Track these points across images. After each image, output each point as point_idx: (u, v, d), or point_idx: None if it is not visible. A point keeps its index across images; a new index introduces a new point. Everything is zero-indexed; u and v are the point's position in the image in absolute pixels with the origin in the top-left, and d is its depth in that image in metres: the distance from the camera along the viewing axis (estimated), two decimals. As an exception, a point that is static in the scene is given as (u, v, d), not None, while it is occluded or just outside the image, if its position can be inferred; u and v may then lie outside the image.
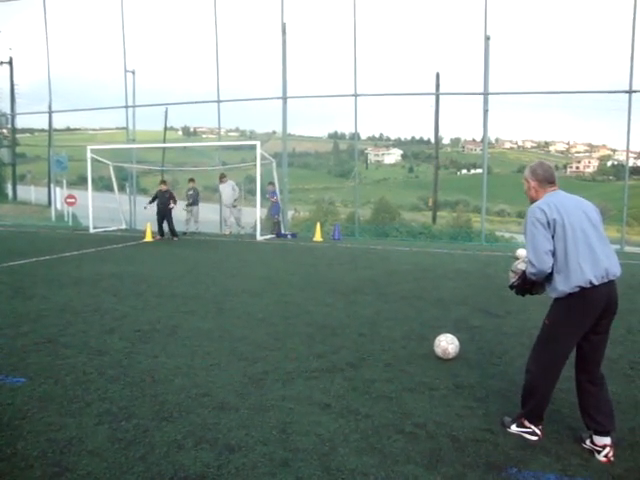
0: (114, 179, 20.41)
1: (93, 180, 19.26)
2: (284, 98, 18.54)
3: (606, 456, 3.51)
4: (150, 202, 17.28)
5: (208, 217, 20.93)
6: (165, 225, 16.78)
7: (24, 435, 3.74)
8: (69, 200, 22.44)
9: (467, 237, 18.05)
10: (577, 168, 50.15)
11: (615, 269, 3.56)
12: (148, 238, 16.50)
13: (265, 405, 4.28)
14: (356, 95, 17.78)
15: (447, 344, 5.42)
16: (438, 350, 5.44)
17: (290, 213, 21.42)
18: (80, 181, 28.69)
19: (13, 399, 4.36)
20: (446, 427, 3.94)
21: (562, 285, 3.56)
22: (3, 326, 6.54)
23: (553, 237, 3.55)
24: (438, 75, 21.28)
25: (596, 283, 3.47)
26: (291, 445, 3.64)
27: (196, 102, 20.62)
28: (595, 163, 48.63)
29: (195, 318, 7.04)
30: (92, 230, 18.87)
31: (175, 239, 16.68)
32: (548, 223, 3.54)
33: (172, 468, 3.33)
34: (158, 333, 6.32)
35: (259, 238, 16.82)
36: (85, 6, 23.16)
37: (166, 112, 26.76)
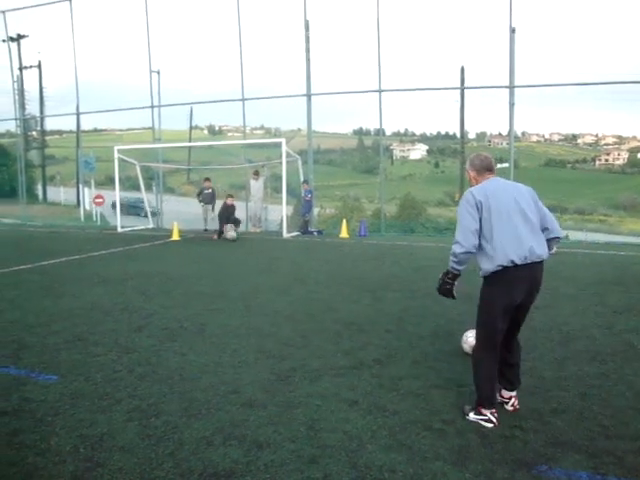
0: (141, 179, 20.63)
1: (120, 180, 19.49)
2: (308, 95, 18.54)
3: (512, 405, 4.14)
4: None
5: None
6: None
7: (57, 431, 3.81)
8: (97, 200, 22.75)
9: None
10: (606, 160, 49.33)
11: (539, 251, 3.81)
12: (175, 237, 16.64)
13: (293, 402, 4.30)
14: (380, 91, 17.70)
15: (475, 340, 5.37)
16: (466, 346, 5.39)
17: (316, 210, 21.41)
18: (108, 181, 29.07)
19: (46, 395, 4.44)
20: (474, 423, 3.91)
21: (487, 264, 3.84)
22: (35, 324, 6.66)
23: (481, 219, 3.82)
24: (463, 69, 21.06)
25: (518, 263, 3.73)
26: (319, 442, 3.64)
27: (221, 101, 20.71)
28: (625, 155, 47.76)
29: (222, 316, 7.08)
30: (120, 229, 19.11)
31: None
32: (476, 205, 3.82)
33: (201, 464, 3.36)
34: (186, 331, 6.38)
35: (285, 235, 16.87)
36: (110, 9, 23.40)
37: (191, 111, 26.99)
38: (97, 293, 8.48)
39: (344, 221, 17.63)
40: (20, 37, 30.77)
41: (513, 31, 16.15)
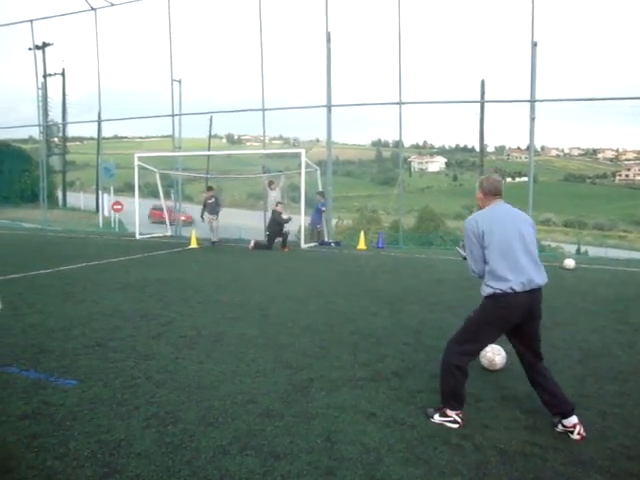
0: (160, 186, 20.78)
1: (139, 187, 19.65)
2: (329, 106, 18.59)
3: (579, 433, 3.91)
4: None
5: (252, 224, 21.10)
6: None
7: (75, 436, 3.83)
8: (116, 207, 22.96)
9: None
10: (627, 176, 48.96)
11: (538, 280, 3.99)
12: (193, 244, 16.73)
13: (310, 413, 4.29)
14: (401, 103, 17.70)
15: (494, 355, 5.34)
16: (484, 361, 5.36)
17: (334, 221, 21.42)
18: (127, 188, 29.33)
19: (65, 400, 4.47)
20: (493, 439, 3.88)
21: (488, 287, 4.01)
22: (55, 329, 6.71)
23: (484, 246, 3.99)
24: (483, 82, 21.06)
25: (518, 290, 3.89)
26: (336, 454, 3.63)
27: (241, 110, 20.86)
28: (646, 171, 47.34)
29: (240, 325, 7.10)
30: (138, 236, 19.24)
31: (283, 249, 16.29)
32: (480, 235, 4.01)
33: (218, 473, 3.35)
34: (204, 339, 6.40)
35: (303, 246, 16.89)
36: (134, 18, 23.74)
37: (211, 120, 27.23)
38: (116, 299, 8.54)
39: (362, 233, 17.61)
40: (45, 45, 31.31)
41: (535, 45, 16.10)
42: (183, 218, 22.93)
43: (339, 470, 3.41)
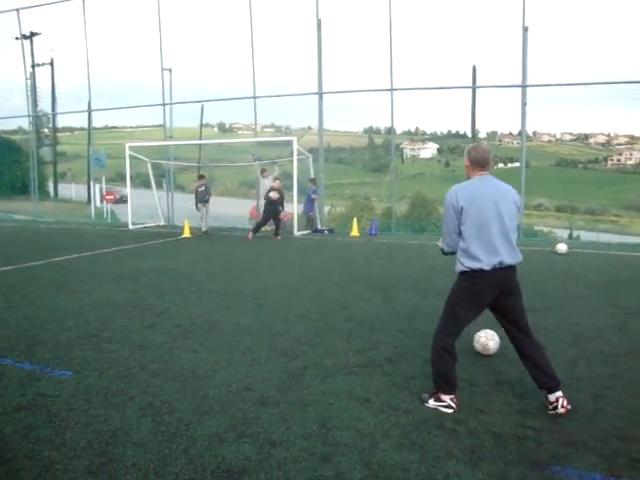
0: (152, 176, 20.71)
1: (131, 177, 19.58)
2: (320, 94, 18.53)
3: (563, 406, 3.99)
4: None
5: (244, 213, 21.06)
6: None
7: (71, 426, 3.84)
8: (108, 197, 22.86)
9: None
10: (618, 160, 49.09)
11: (510, 260, 4.01)
12: (186, 234, 16.71)
13: (305, 400, 4.31)
14: (392, 89, 17.66)
15: (487, 340, 5.38)
16: (478, 346, 5.40)
17: (326, 208, 21.42)
18: (118, 178, 29.20)
19: (60, 391, 4.48)
20: (487, 423, 3.91)
21: (460, 264, 4.04)
22: (48, 320, 6.71)
23: (461, 222, 3.98)
24: (475, 68, 20.98)
25: (487, 269, 3.92)
26: (331, 440, 3.65)
27: (232, 99, 20.73)
28: (637, 155, 47.51)
29: (234, 313, 7.11)
30: (131, 226, 19.20)
31: (276, 238, 16.13)
32: (458, 210, 3.97)
33: (214, 461, 3.38)
34: (198, 328, 6.41)
35: (296, 234, 16.89)
36: (123, 6, 23.50)
37: (202, 109, 27.02)
38: (109, 290, 8.53)
39: (355, 220, 17.63)
40: (33, 35, 31.02)
41: (526, 30, 16.07)
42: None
43: (334, 456, 3.44)
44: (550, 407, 4.06)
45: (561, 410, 3.98)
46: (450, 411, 4.09)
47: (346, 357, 5.38)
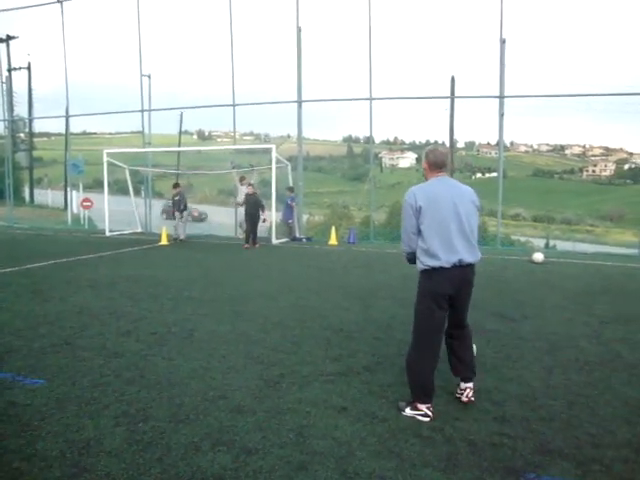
0: (130, 183, 20.55)
1: (109, 184, 19.41)
2: (299, 102, 18.57)
3: (467, 397, 4.36)
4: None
5: (223, 220, 20.99)
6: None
7: (43, 435, 3.77)
8: (85, 203, 22.63)
9: (482, 241, 17.89)
10: (593, 172, 49.80)
11: (469, 259, 4.11)
12: (164, 241, 16.59)
13: (282, 408, 4.28)
14: (371, 99, 17.76)
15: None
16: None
17: (305, 217, 21.42)
18: (96, 184, 28.93)
19: (32, 400, 4.40)
20: (463, 431, 3.92)
21: (421, 263, 4.17)
22: (22, 328, 6.60)
23: (420, 222, 4.08)
24: (453, 78, 21.19)
25: (447, 267, 4.04)
26: (308, 448, 3.63)
27: (211, 106, 20.69)
28: (612, 166, 48.24)
29: (211, 321, 7.06)
30: (108, 233, 19.03)
31: (254, 246, 16.02)
32: (417, 210, 4.07)
33: (189, 470, 3.34)
34: (174, 336, 6.35)
35: (274, 242, 16.85)
36: (102, 11, 23.38)
37: (181, 116, 26.96)
38: (85, 297, 8.43)
39: (333, 228, 17.65)
40: (10, 38, 30.68)
41: (503, 42, 16.29)
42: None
43: (311, 464, 3.42)
44: (457, 393, 4.45)
45: (464, 399, 4.36)
46: (427, 419, 4.11)
47: (323, 365, 5.36)
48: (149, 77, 20.90)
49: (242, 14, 19.50)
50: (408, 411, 4.19)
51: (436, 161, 4.22)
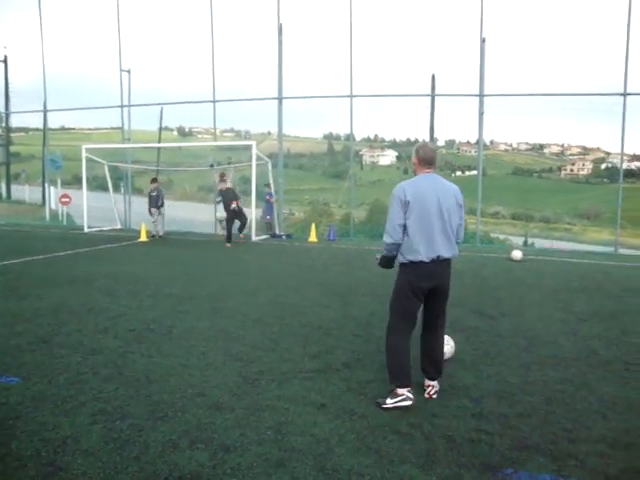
0: (109, 179, 20.38)
1: (88, 180, 19.22)
2: (280, 99, 18.54)
3: (429, 394, 4.48)
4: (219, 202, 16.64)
5: (203, 218, 20.89)
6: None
7: (17, 435, 3.71)
8: (63, 199, 22.36)
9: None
10: (571, 170, 50.28)
11: (446, 254, 4.30)
12: (143, 238, 16.47)
13: (260, 405, 4.27)
14: (352, 96, 17.79)
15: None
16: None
17: (285, 213, 21.39)
18: (75, 180, 28.56)
19: (7, 398, 4.33)
20: (442, 427, 3.94)
21: (402, 256, 4.33)
22: (-3, 325, 6.51)
23: (406, 215, 4.22)
24: (434, 77, 21.23)
25: (426, 261, 4.22)
26: (286, 445, 3.62)
27: (192, 102, 20.56)
28: (589, 166, 48.71)
29: (190, 318, 7.02)
30: (87, 230, 18.85)
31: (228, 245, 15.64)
32: (404, 202, 4.20)
33: (167, 468, 3.31)
34: (153, 333, 6.30)
35: (254, 239, 16.81)
36: (80, 4, 23.07)
37: (161, 112, 26.68)
38: (62, 294, 8.33)
39: (313, 225, 17.65)
40: (-14, 31, 30.15)
41: (483, 41, 16.41)
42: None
43: (289, 461, 3.41)
44: (424, 389, 4.54)
45: (426, 396, 4.47)
46: (409, 403, 4.22)
47: (302, 362, 5.35)
48: (129, 72, 20.74)
49: (223, 10, 19.42)
50: (389, 401, 4.25)
51: (425, 157, 4.37)
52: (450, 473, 3.31)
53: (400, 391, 4.24)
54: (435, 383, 4.54)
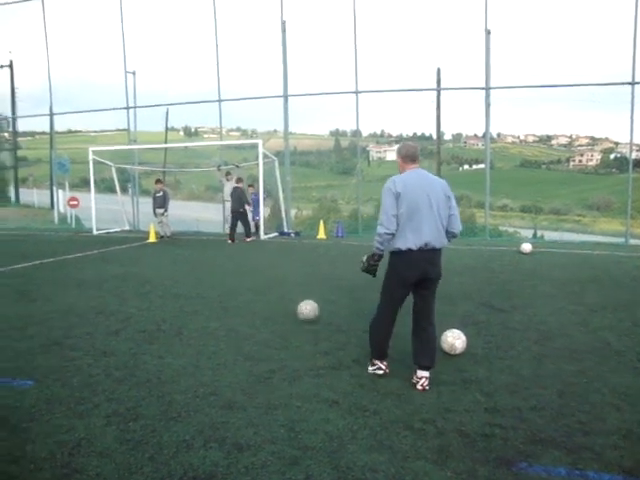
0: (116, 181, 20.43)
1: (95, 182, 19.26)
2: (285, 96, 18.52)
3: (421, 385, 4.54)
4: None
5: (211, 217, 20.92)
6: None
7: (32, 437, 3.73)
8: (72, 202, 22.44)
9: (471, 232, 17.93)
10: (580, 161, 50.01)
11: (435, 243, 4.51)
12: (151, 239, 16.51)
13: (273, 403, 4.27)
14: (357, 92, 17.74)
15: (454, 339, 5.41)
16: (445, 345, 5.42)
17: (293, 212, 21.39)
18: (82, 183, 28.68)
19: (21, 401, 4.35)
20: (455, 422, 3.93)
21: (392, 244, 4.58)
22: (9, 329, 6.53)
23: (397, 206, 4.46)
24: (439, 70, 21.14)
25: (414, 249, 4.45)
26: (300, 443, 3.62)
27: (197, 102, 20.55)
28: (598, 156, 48.44)
29: (200, 318, 7.03)
30: (95, 232, 18.89)
31: (232, 242, 15.95)
32: (395, 194, 4.46)
33: (181, 468, 3.32)
34: (163, 333, 6.32)
35: (262, 237, 16.82)
36: (84, 8, 23.11)
37: (167, 113, 26.74)
38: (72, 296, 8.36)
39: (321, 222, 17.63)
40: (-10, 36, 30.27)
41: (488, 33, 16.30)
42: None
43: (303, 459, 3.41)
44: (413, 380, 4.63)
45: (419, 388, 4.54)
46: (381, 372, 4.81)
47: (313, 359, 5.35)
48: (134, 74, 20.75)
49: (226, 9, 19.40)
50: (369, 369, 4.90)
51: (407, 154, 4.66)
52: (464, 468, 3.30)
53: (376, 361, 4.85)
54: (427, 374, 4.62)
